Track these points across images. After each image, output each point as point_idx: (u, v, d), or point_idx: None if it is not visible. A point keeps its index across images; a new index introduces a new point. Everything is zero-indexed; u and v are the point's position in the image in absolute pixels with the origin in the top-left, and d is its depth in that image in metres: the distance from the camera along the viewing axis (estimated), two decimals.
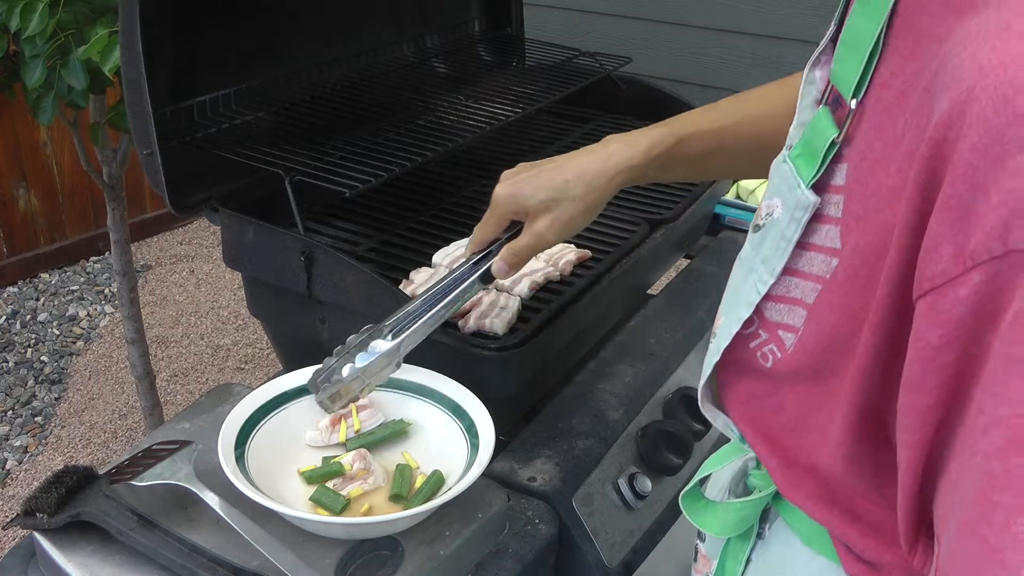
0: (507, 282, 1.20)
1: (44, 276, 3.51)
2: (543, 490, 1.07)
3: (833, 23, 0.72)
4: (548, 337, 1.12)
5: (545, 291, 1.21)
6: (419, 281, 1.21)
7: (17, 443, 2.65)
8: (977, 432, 0.51)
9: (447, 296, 0.99)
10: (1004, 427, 0.49)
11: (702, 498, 0.86)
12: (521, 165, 1.02)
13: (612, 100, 1.77)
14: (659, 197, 1.47)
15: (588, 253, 1.30)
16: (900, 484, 0.60)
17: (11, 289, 3.41)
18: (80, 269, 3.58)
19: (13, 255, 3.44)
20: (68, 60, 1.62)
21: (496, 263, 1.01)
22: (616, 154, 0.98)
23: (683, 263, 1.63)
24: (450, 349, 1.08)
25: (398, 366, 0.98)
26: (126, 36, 1.14)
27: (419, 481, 0.97)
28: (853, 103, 0.63)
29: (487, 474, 0.97)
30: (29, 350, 3.07)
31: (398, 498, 0.95)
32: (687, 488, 0.86)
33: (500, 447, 1.09)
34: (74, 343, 3.13)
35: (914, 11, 0.60)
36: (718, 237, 1.67)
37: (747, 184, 1.80)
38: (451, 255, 1.27)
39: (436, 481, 0.96)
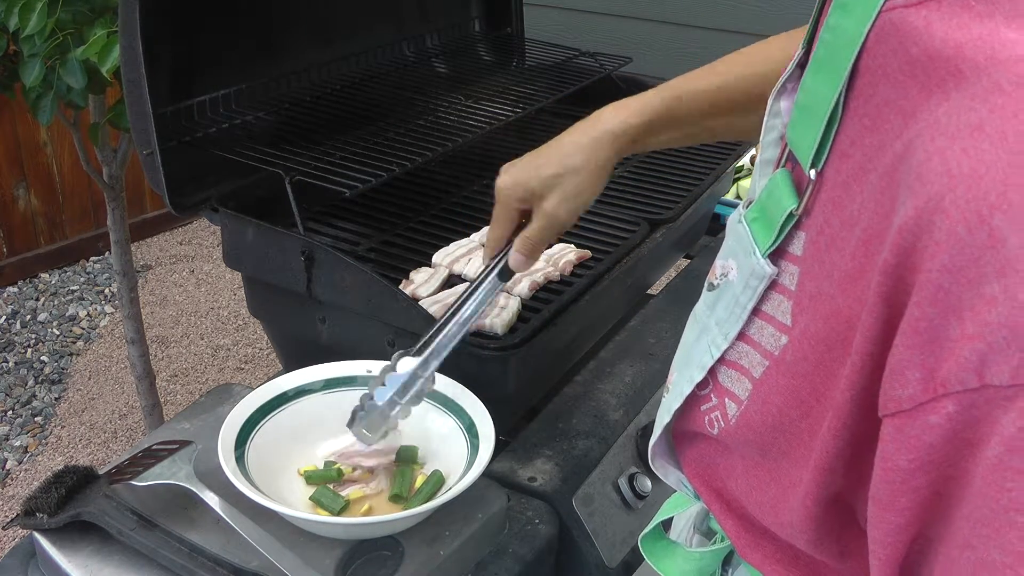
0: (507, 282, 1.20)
1: (44, 276, 3.51)
2: (543, 490, 1.07)
3: (800, 47, 0.65)
4: (548, 337, 1.12)
5: (545, 291, 1.21)
6: (419, 281, 1.20)
7: (17, 443, 2.65)
8: (964, 565, 0.48)
9: (468, 303, 0.97)
10: (999, 574, 0.46)
11: (663, 538, 0.83)
12: (514, 160, 1.01)
13: (612, 100, 1.76)
14: (659, 197, 1.47)
15: (588, 253, 1.30)
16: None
17: (11, 289, 3.41)
18: (80, 269, 3.58)
19: (13, 255, 3.44)
20: (67, 60, 1.62)
21: (512, 256, 0.98)
22: (608, 119, 0.95)
23: (683, 263, 1.63)
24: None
25: (432, 381, 0.96)
26: (126, 36, 1.14)
27: (419, 481, 0.97)
28: (812, 173, 0.57)
29: (487, 474, 0.97)
30: (29, 350, 3.07)
31: (398, 498, 0.95)
32: (647, 530, 0.82)
33: (500, 447, 1.09)
34: (74, 343, 3.13)
35: (876, 76, 0.53)
36: (718, 237, 1.67)
37: (747, 184, 1.80)
38: (451, 255, 1.27)
39: (436, 481, 0.96)
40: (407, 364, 0.94)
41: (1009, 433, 0.44)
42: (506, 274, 1.00)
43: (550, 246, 1.30)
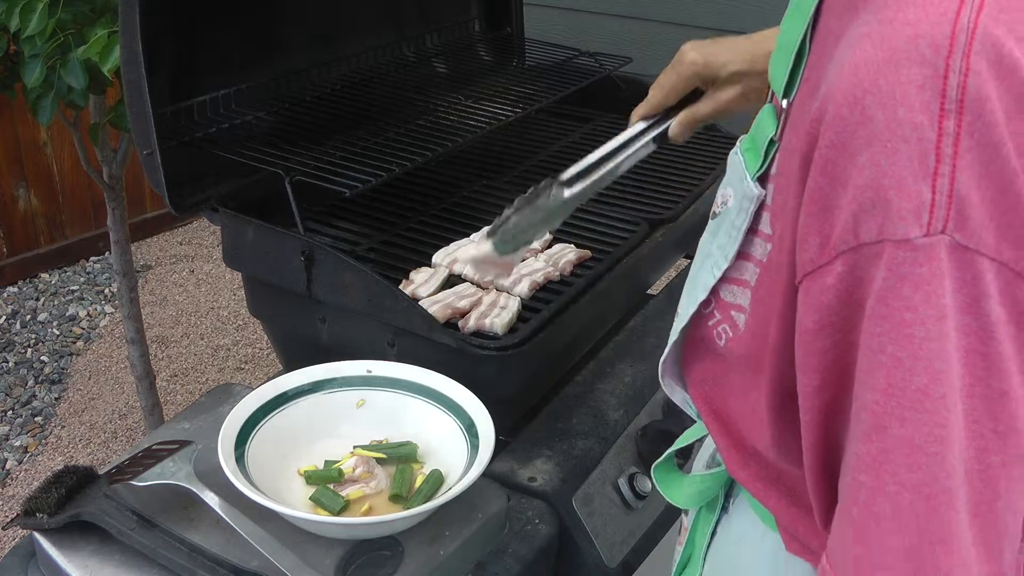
0: (507, 282, 1.20)
1: (44, 276, 3.51)
2: (543, 490, 1.07)
3: None
4: (548, 337, 1.12)
5: (545, 291, 1.21)
6: (419, 281, 1.21)
7: (17, 443, 2.65)
8: (854, 419, 0.56)
9: (623, 153, 0.97)
10: (869, 412, 0.54)
11: (674, 470, 0.90)
12: (700, 40, 1.02)
13: (612, 100, 1.77)
14: (659, 197, 1.47)
15: (588, 253, 1.30)
16: (805, 463, 0.63)
17: (11, 289, 3.41)
18: (80, 269, 3.58)
19: (13, 255, 3.44)
20: (67, 60, 1.62)
21: (675, 127, 1.01)
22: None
23: (683, 263, 1.63)
24: (450, 349, 1.08)
25: (565, 214, 0.96)
26: (126, 36, 1.14)
27: (419, 481, 0.97)
28: (784, 103, 0.66)
29: (487, 474, 0.97)
30: (29, 350, 3.07)
31: (398, 498, 0.95)
32: (660, 459, 0.89)
33: (500, 447, 1.09)
34: (74, 343, 3.13)
35: (827, 13, 0.63)
36: None
37: None
38: (451, 255, 1.27)
39: (436, 481, 0.96)
40: (562, 193, 0.95)
41: (878, 285, 0.53)
42: (663, 140, 1.02)
43: (545, 245, 1.29)
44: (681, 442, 0.89)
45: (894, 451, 0.53)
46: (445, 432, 1.01)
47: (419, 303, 1.13)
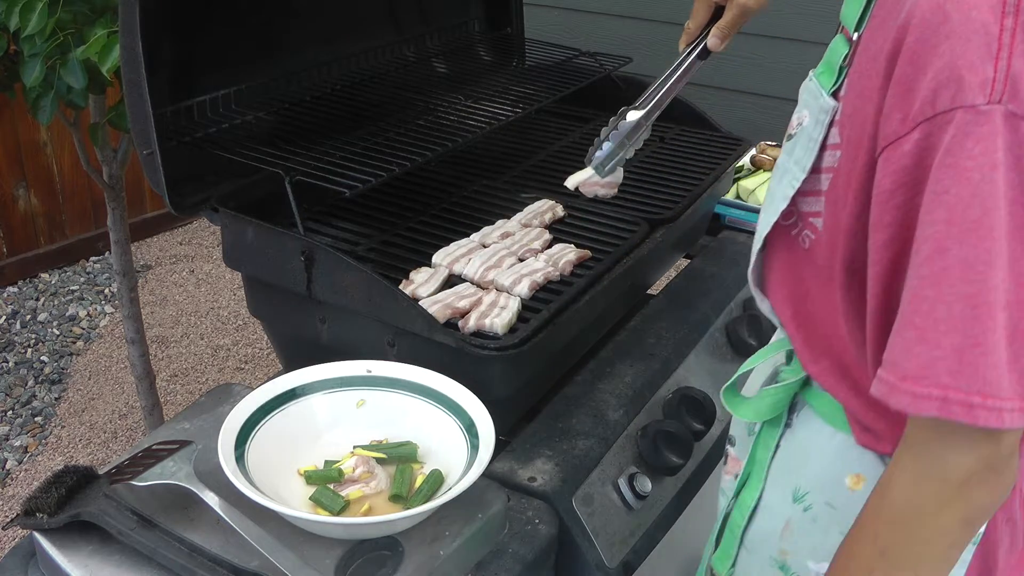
0: (507, 282, 1.20)
1: (44, 276, 3.51)
2: (543, 490, 1.07)
3: None
4: (548, 337, 1.12)
5: (545, 291, 1.21)
6: (419, 281, 1.21)
7: (17, 443, 2.65)
8: (915, 255, 0.72)
9: (678, 71, 1.22)
10: (932, 241, 0.71)
11: (738, 394, 1.03)
12: None
13: (612, 100, 1.76)
14: (659, 197, 1.47)
15: (588, 253, 1.30)
16: (868, 313, 0.80)
17: (11, 289, 3.41)
18: (80, 269, 3.58)
19: (13, 255, 3.44)
20: (67, 60, 1.62)
21: (711, 40, 1.20)
22: None
23: (683, 263, 1.63)
24: (450, 349, 1.08)
25: (649, 129, 1.21)
26: (126, 36, 1.14)
27: (419, 481, 0.97)
28: (855, 36, 0.84)
29: (487, 474, 0.97)
30: (29, 350, 3.07)
31: (398, 498, 0.95)
32: (727, 384, 1.02)
33: (500, 447, 1.09)
34: (74, 343, 3.13)
35: None
36: (718, 237, 1.67)
37: (747, 184, 1.80)
38: (451, 255, 1.27)
39: (436, 481, 0.96)
40: (634, 115, 1.20)
41: (946, 144, 0.70)
42: (705, 54, 1.22)
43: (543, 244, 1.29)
44: (745, 367, 1.03)
45: (952, 268, 0.70)
46: (445, 432, 1.01)
47: (419, 303, 1.13)
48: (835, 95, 0.86)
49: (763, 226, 0.95)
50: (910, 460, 0.77)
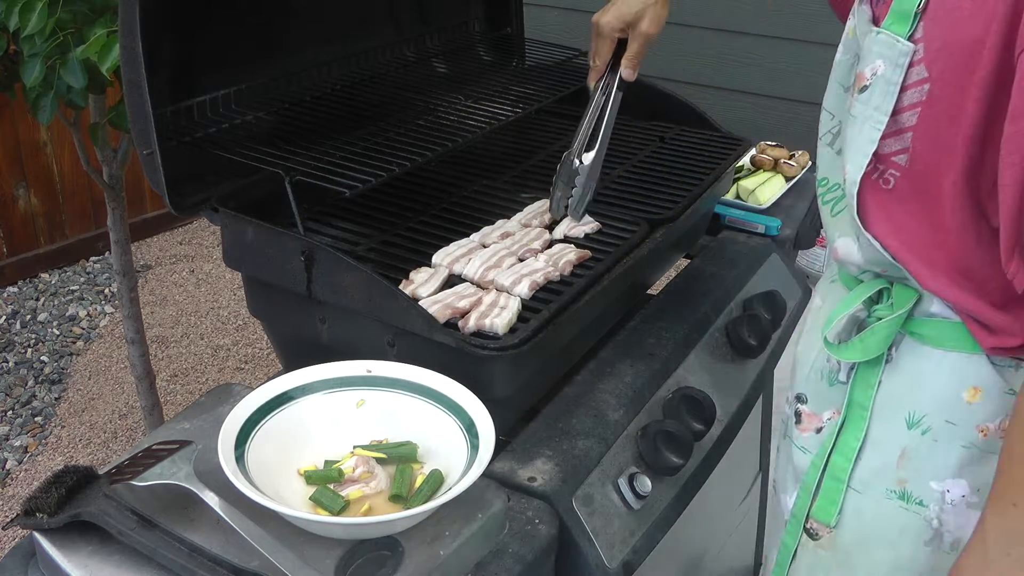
0: (507, 282, 1.20)
1: (44, 276, 3.51)
2: (543, 490, 1.07)
3: None
4: (548, 337, 1.12)
5: (545, 291, 1.21)
6: (419, 281, 1.21)
7: (17, 443, 2.65)
8: None
9: (608, 110, 1.34)
10: None
11: (831, 344, 1.09)
12: (602, 9, 1.33)
13: None
14: (659, 197, 1.47)
15: (588, 253, 1.30)
16: (1003, 207, 0.88)
17: (11, 289, 3.41)
18: (80, 269, 3.58)
19: (13, 255, 3.44)
20: (67, 59, 1.62)
21: (625, 71, 1.33)
22: None
23: (683, 263, 1.63)
24: (450, 349, 1.08)
25: (601, 168, 1.34)
26: (126, 36, 1.14)
27: (419, 481, 0.97)
28: None
29: (487, 474, 0.97)
30: (29, 350, 3.07)
31: (398, 498, 0.95)
32: (823, 335, 1.10)
33: (500, 447, 1.09)
34: (74, 343, 3.13)
35: None
36: (718, 237, 1.67)
37: (747, 184, 1.80)
38: (451, 255, 1.27)
39: (436, 481, 0.96)
40: (589, 156, 1.33)
41: None
42: (623, 86, 1.34)
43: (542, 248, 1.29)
44: (834, 315, 1.08)
45: None
46: (445, 432, 1.01)
47: (419, 303, 1.13)
48: (910, 39, 0.93)
49: (855, 171, 1.00)
50: None
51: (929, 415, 1.04)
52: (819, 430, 1.15)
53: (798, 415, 1.19)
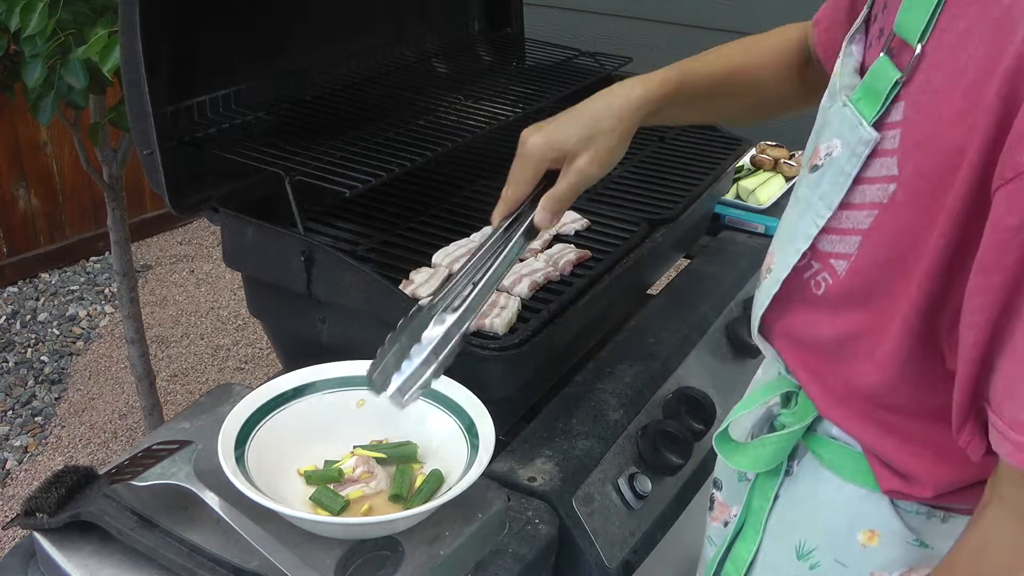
0: (507, 282, 1.20)
1: (44, 276, 3.51)
2: (543, 490, 1.07)
3: (867, 6, 0.84)
4: (548, 337, 1.12)
5: (545, 291, 1.21)
6: (419, 281, 1.20)
7: (17, 443, 2.65)
8: None
9: (497, 260, 0.94)
10: None
11: (731, 440, 0.94)
12: (536, 123, 1.01)
13: None
14: (659, 197, 1.47)
15: (588, 253, 1.30)
16: (961, 366, 0.70)
17: (11, 289, 3.41)
18: (80, 269, 3.58)
19: (13, 255, 3.44)
20: (68, 60, 1.62)
21: (539, 214, 0.96)
22: (635, 88, 0.99)
23: (683, 263, 1.63)
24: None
25: (463, 340, 0.92)
26: (126, 36, 1.14)
27: (419, 481, 0.97)
28: (919, 47, 0.73)
29: (487, 474, 0.97)
30: (29, 350, 3.07)
31: (398, 498, 0.95)
32: (719, 431, 0.94)
33: (500, 447, 1.09)
34: (74, 343, 3.13)
35: None
36: (718, 237, 1.67)
37: (747, 184, 1.80)
38: (451, 255, 1.27)
39: (436, 481, 0.96)
40: (442, 321, 0.91)
41: None
42: (532, 233, 0.97)
43: (549, 246, 1.29)
44: (734, 414, 0.94)
45: None
46: (445, 432, 1.01)
47: (419, 303, 1.13)
48: (877, 125, 0.76)
49: (781, 268, 0.85)
50: (1011, 519, 0.70)
51: (820, 549, 0.89)
52: (726, 523, 1.02)
53: (712, 501, 1.06)
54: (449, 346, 0.90)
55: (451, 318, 0.90)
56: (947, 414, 0.74)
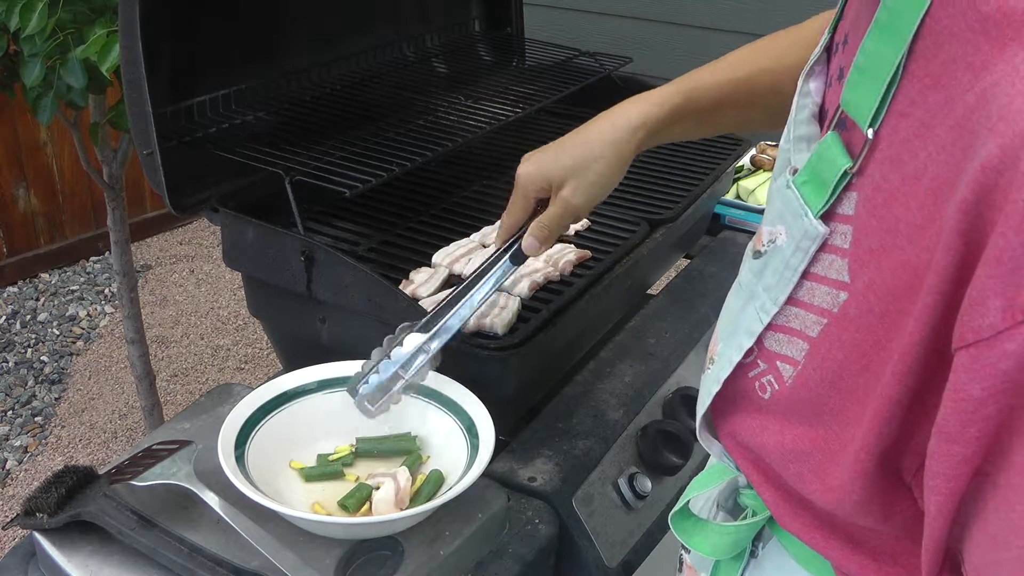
0: (507, 282, 1.20)
1: (44, 276, 3.51)
2: (543, 490, 1.07)
3: (827, 32, 0.71)
4: (548, 337, 1.12)
5: (545, 291, 1.21)
6: (419, 281, 1.21)
7: (17, 443, 2.65)
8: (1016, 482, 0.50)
9: (480, 285, 1.00)
10: None
11: (691, 516, 0.85)
12: (538, 149, 1.03)
13: (612, 100, 1.76)
14: (659, 197, 1.47)
15: (588, 253, 1.30)
16: (928, 528, 0.57)
17: (11, 289, 3.41)
18: (80, 269, 3.58)
19: (13, 255, 3.44)
20: (67, 59, 1.62)
21: (526, 240, 1.01)
22: (631, 110, 0.98)
23: (683, 263, 1.63)
24: (450, 349, 1.08)
25: (437, 360, 0.97)
26: (126, 36, 1.14)
27: (419, 481, 0.97)
28: (870, 132, 0.59)
29: (487, 474, 0.97)
30: (29, 350, 3.07)
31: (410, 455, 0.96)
32: (676, 508, 0.84)
33: (500, 447, 1.09)
34: (74, 343, 3.13)
35: (940, 37, 0.55)
36: (718, 237, 1.67)
37: (747, 184, 1.80)
38: (451, 255, 1.27)
39: (436, 481, 0.96)
40: (414, 340, 0.96)
41: None
42: (519, 258, 1.02)
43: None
44: (691, 492, 0.85)
45: None
46: (445, 432, 1.01)
47: (419, 303, 1.13)
48: (824, 216, 0.63)
49: (723, 364, 0.74)
50: None
51: None
52: None
53: (681, 563, 0.97)
54: (416, 364, 0.97)
55: (422, 338, 0.96)
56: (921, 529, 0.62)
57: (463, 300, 0.99)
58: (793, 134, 0.70)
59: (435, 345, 0.97)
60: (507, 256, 1.02)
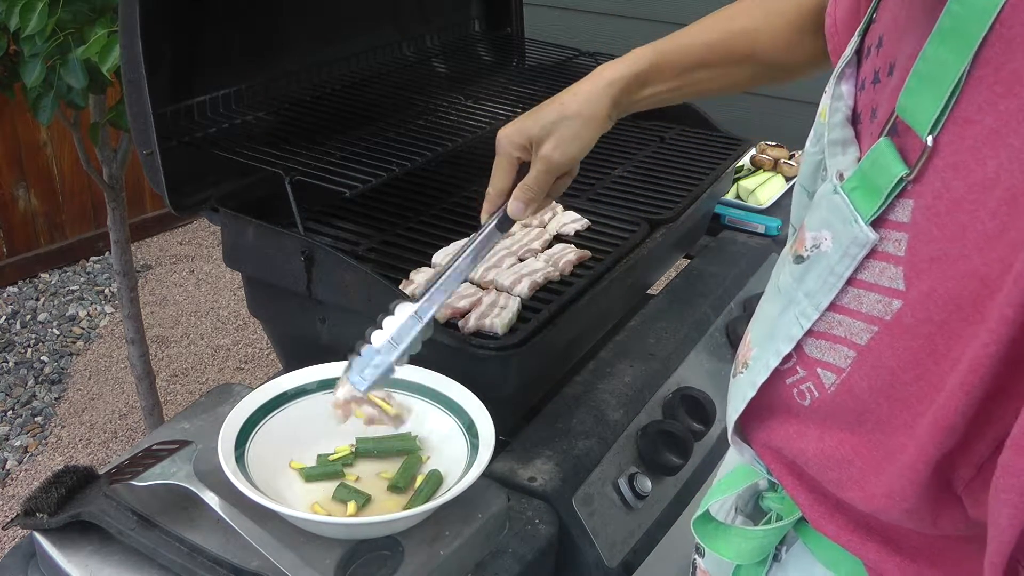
0: (507, 282, 1.20)
1: (44, 276, 3.51)
2: (543, 490, 1.07)
3: (856, 34, 0.72)
4: (548, 337, 1.12)
5: (545, 291, 1.21)
6: (419, 281, 1.20)
7: (17, 443, 2.65)
8: None
9: (466, 252, 0.99)
10: None
11: (712, 520, 0.84)
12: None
13: None
14: (659, 197, 1.47)
15: (588, 253, 1.30)
16: (996, 541, 0.56)
17: (11, 289, 3.41)
18: (80, 269, 3.58)
19: (13, 255, 3.44)
20: (67, 59, 1.62)
21: (511, 204, 1.00)
22: (605, 70, 0.99)
23: (683, 263, 1.63)
24: (450, 349, 1.08)
25: (429, 328, 0.96)
26: (126, 36, 1.14)
27: (419, 481, 0.97)
28: (929, 139, 0.58)
29: (487, 474, 0.97)
30: (29, 350, 3.07)
31: (397, 489, 0.95)
32: (697, 514, 0.84)
33: (500, 447, 1.09)
34: (74, 343, 3.13)
35: (1013, 44, 0.54)
36: (718, 237, 1.67)
37: (747, 184, 1.80)
38: (451, 255, 1.27)
39: (436, 481, 0.96)
40: (405, 309, 0.95)
41: None
42: (505, 224, 1.02)
43: (546, 240, 1.29)
44: (712, 497, 0.84)
45: None
46: (445, 432, 1.01)
47: None
48: (875, 222, 0.62)
49: (759, 369, 0.73)
50: None
51: None
52: None
53: (693, 567, 0.98)
54: (412, 333, 0.94)
55: (412, 306, 0.95)
56: (967, 531, 0.64)
57: (449, 270, 0.98)
58: (828, 138, 0.70)
59: (426, 316, 0.95)
60: (493, 223, 1.01)
